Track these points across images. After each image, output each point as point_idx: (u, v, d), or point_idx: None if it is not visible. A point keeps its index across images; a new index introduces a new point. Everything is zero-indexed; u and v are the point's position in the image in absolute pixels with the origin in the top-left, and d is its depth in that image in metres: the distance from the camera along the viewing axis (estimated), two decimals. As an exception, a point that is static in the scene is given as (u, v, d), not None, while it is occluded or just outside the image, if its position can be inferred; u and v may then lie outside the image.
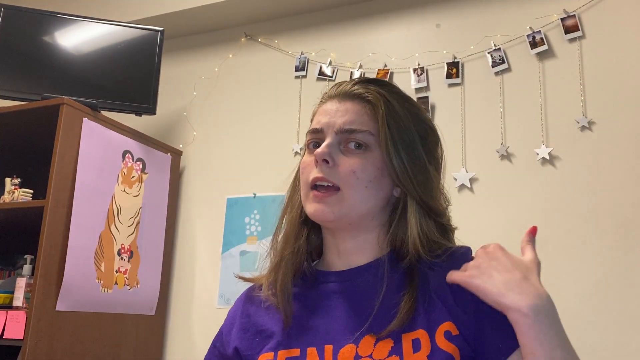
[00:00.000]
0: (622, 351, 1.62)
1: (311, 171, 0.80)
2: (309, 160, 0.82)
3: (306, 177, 0.81)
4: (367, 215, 0.81)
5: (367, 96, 0.82)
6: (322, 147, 0.79)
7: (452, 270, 0.76)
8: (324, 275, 0.84)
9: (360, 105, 0.82)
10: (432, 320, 0.73)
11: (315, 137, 0.83)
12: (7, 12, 2.03)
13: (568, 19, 1.89)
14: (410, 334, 0.73)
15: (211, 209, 2.31)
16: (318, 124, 0.83)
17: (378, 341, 0.73)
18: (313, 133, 0.83)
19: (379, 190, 0.80)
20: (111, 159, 1.99)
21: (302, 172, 0.83)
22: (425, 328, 0.73)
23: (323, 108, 0.84)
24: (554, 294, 0.77)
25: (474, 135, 1.95)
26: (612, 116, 1.78)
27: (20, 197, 1.90)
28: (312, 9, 2.34)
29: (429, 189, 0.81)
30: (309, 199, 0.80)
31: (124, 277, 2.01)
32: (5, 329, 1.72)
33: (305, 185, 0.81)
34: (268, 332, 0.82)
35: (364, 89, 0.83)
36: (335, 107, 0.82)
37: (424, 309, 0.75)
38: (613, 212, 1.72)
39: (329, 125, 0.81)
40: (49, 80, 2.05)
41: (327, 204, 0.78)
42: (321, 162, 0.78)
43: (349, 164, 0.78)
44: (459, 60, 2.03)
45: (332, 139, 0.80)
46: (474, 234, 2.01)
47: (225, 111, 2.41)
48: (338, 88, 0.85)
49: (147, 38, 2.20)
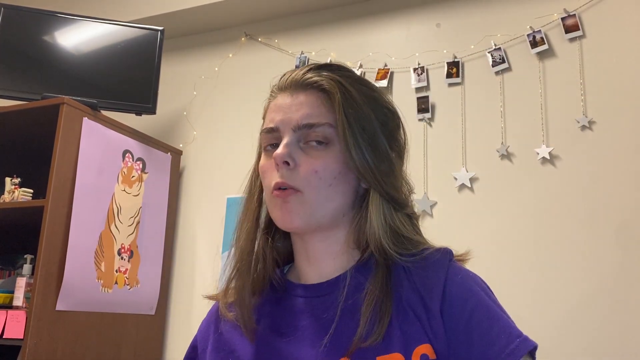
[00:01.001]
0: (622, 351, 1.61)
1: (272, 175, 0.74)
2: (268, 163, 0.75)
3: (268, 183, 0.75)
4: (335, 213, 0.75)
5: (322, 84, 0.75)
6: (281, 147, 0.72)
7: (426, 277, 0.71)
8: (293, 288, 0.79)
9: (315, 95, 0.75)
10: (409, 340, 0.67)
11: (271, 137, 0.76)
12: (7, 12, 2.03)
13: (568, 18, 1.88)
14: (385, 357, 0.66)
15: (211, 208, 2.31)
16: (272, 122, 0.76)
17: None
18: (268, 133, 0.76)
19: (345, 185, 0.74)
20: (111, 158, 1.99)
21: (262, 178, 0.77)
22: (402, 351, 0.67)
23: (275, 104, 0.77)
24: (553, 294, 0.77)
25: (474, 135, 1.95)
26: (613, 116, 1.78)
27: (20, 196, 1.90)
28: (312, 9, 2.34)
29: (392, 179, 0.76)
30: (275, 205, 0.74)
31: (124, 276, 2.01)
32: (5, 328, 1.72)
33: (268, 191, 0.75)
34: (238, 353, 0.76)
35: (317, 76, 0.76)
36: (288, 101, 0.75)
37: (397, 324, 0.69)
38: (613, 212, 1.71)
39: (285, 123, 0.74)
40: (49, 80, 2.05)
41: (291, 209, 0.72)
42: (281, 164, 0.72)
43: (310, 163, 0.72)
44: (459, 60, 2.03)
45: (290, 137, 0.73)
46: (474, 233, 2.02)
47: (225, 111, 2.40)
48: (288, 78, 0.78)
49: (147, 38, 2.20)
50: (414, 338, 0.67)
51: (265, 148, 0.77)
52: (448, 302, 0.69)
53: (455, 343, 0.67)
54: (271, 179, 0.74)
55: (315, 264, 0.78)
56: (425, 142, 2.01)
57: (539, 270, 1.75)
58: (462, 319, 0.68)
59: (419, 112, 2.03)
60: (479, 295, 0.70)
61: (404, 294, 0.71)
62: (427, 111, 2.02)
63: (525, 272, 1.76)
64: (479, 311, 0.68)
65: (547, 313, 1.70)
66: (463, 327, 0.67)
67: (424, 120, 2.03)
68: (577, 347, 1.65)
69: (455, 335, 0.67)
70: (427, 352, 0.67)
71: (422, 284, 0.71)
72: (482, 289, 0.72)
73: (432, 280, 0.71)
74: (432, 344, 0.67)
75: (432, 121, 2.03)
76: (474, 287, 0.71)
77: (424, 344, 0.67)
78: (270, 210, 0.76)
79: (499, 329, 0.67)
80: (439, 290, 0.70)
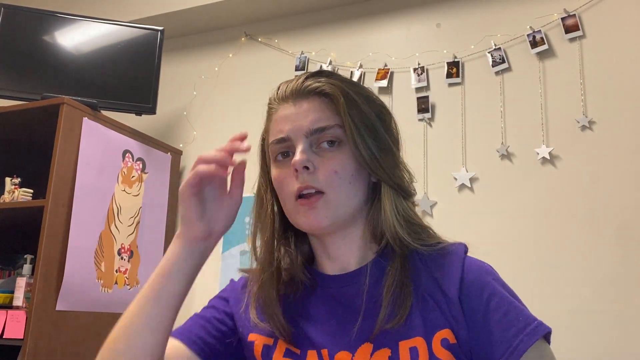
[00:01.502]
0: (622, 352, 1.61)
1: (290, 182, 0.76)
2: (283, 172, 0.78)
3: (288, 190, 0.77)
4: (355, 209, 0.78)
5: (324, 89, 0.78)
6: (298, 154, 0.75)
7: (443, 266, 0.75)
8: (321, 278, 0.82)
9: (317, 100, 0.78)
10: (429, 325, 0.71)
11: (283, 147, 0.78)
12: (7, 12, 2.03)
13: (568, 18, 1.88)
14: (408, 342, 0.71)
15: (211, 208, 2.30)
16: (281, 132, 0.78)
17: (375, 350, 0.72)
18: (278, 143, 0.78)
19: (360, 182, 0.78)
20: (111, 158, 1.99)
21: (279, 187, 0.78)
22: (423, 335, 0.71)
23: (279, 115, 0.79)
24: (554, 294, 0.77)
25: (474, 135, 1.95)
26: (613, 116, 1.78)
27: (20, 196, 1.90)
28: (312, 9, 2.34)
29: (397, 170, 0.80)
30: (298, 212, 0.76)
31: (124, 276, 2.01)
32: (5, 328, 1.72)
33: (290, 199, 0.77)
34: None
35: (316, 82, 0.79)
36: (293, 110, 0.78)
37: (418, 310, 0.73)
38: (613, 212, 1.71)
39: (295, 131, 0.77)
40: (49, 80, 2.05)
41: (317, 211, 0.74)
42: (301, 170, 0.74)
43: (329, 165, 0.75)
44: (459, 60, 2.03)
45: (304, 144, 0.76)
46: (474, 234, 2.02)
47: (225, 111, 2.40)
48: (287, 88, 0.80)
49: (147, 38, 2.20)
50: (434, 324, 0.71)
51: (276, 159, 0.80)
52: (466, 290, 0.73)
53: (474, 328, 0.71)
54: (291, 187, 0.76)
55: (336, 260, 0.81)
56: (425, 142, 2.01)
57: (539, 270, 1.75)
58: (481, 305, 0.71)
59: (419, 112, 2.03)
60: (494, 284, 0.74)
61: (422, 282, 0.75)
62: (427, 111, 2.02)
63: (525, 271, 1.76)
64: (496, 298, 0.72)
65: (546, 313, 1.69)
66: (482, 313, 0.71)
67: (424, 120, 2.03)
68: (577, 347, 1.65)
69: (474, 321, 0.71)
70: (447, 336, 0.71)
71: (440, 273, 0.75)
72: (496, 279, 0.75)
73: (450, 269, 0.75)
74: (452, 329, 0.71)
75: (432, 121, 2.03)
76: (489, 277, 0.75)
77: (445, 329, 0.71)
78: (293, 217, 0.78)
79: (516, 314, 0.71)
80: (457, 278, 0.74)
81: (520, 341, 0.68)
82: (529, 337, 0.68)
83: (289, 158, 0.77)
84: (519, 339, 0.68)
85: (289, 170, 0.76)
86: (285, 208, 0.79)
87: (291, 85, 0.80)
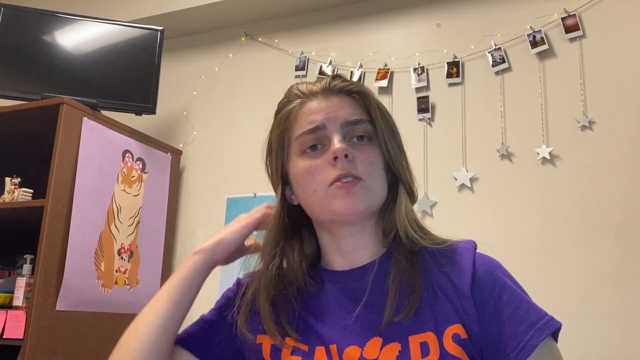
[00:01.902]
0: (622, 352, 1.61)
1: (325, 171, 0.77)
2: (316, 163, 0.78)
3: (322, 179, 0.77)
4: (381, 201, 0.81)
5: (352, 88, 0.81)
6: (337, 142, 0.76)
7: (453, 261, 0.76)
8: (328, 275, 0.83)
9: (346, 98, 0.81)
10: (440, 320, 0.72)
11: (314, 138, 0.79)
12: (7, 11, 2.03)
13: (568, 18, 1.88)
14: (418, 337, 0.71)
15: (211, 208, 2.31)
16: (314, 122, 0.79)
17: (385, 344, 0.72)
18: (310, 133, 0.79)
19: (386, 176, 0.81)
20: (111, 158, 1.99)
21: (311, 177, 0.78)
22: (434, 330, 0.71)
23: (309, 108, 0.80)
24: (554, 294, 0.78)
25: (474, 135, 1.95)
26: (613, 116, 1.78)
27: (20, 196, 1.90)
28: (312, 9, 2.34)
29: (410, 174, 0.83)
30: (335, 196, 0.76)
31: (124, 276, 2.01)
32: (5, 328, 1.72)
33: (323, 186, 0.77)
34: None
35: (343, 83, 0.82)
36: (325, 104, 0.80)
37: (428, 305, 0.73)
38: (613, 211, 1.71)
39: (331, 121, 0.78)
40: (49, 80, 2.05)
41: (356, 195, 0.75)
42: (342, 157, 0.75)
43: (365, 155, 0.78)
44: (459, 60, 2.03)
45: (340, 134, 0.78)
46: (474, 233, 2.02)
47: (225, 111, 2.41)
48: (313, 86, 0.83)
49: (147, 37, 2.20)
50: (445, 318, 0.72)
51: (305, 151, 0.80)
52: (477, 284, 0.74)
53: (485, 322, 0.71)
54: (325, 175, 0.77)
55: (347, 256, 0.82)
56: (425, 142, 2.01)
57: (539, 270, 1.75)
58: (492, 299, 0.72)
59: (419, 112, 2.03)
60: (505, 279, 0.75)
61: (432, 276, 0.76)
62: (427, 111, 2.02)
63: (525, 271, 1.75)
64: (507, 293, 0.73)
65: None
66: (493, 308, 0.72)
67: (424, 120, 2.03)
68: (577, 347, 1.65)
69: (485, 315, 0.72)
70: (458, 331, 0.71)
71: (451, 267, 0.76)
72: (507, 275, 0.77)
73: (461, 264, 0.76)
74: (463, 324, 0.71)
75: (432, 121, 2.03)
76: (500, 272, 0.76)
77: (456, 324, 0.71)
78: (326, 204, 0.77)
79: (527, 309, 0.72)
80: (469, 272, 0.74)
81: (531, 336, 0.69)
82: (540, 332, 0.69)
83: (319, 151, 0.78)
84: (529, 334, 0.69)
85: (321, 161, 0.77)
86: (312, 200, 0.79)
87: (317, 84, 0.83)
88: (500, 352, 0.69)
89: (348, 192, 0.75)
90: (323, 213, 0.78)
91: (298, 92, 0.83)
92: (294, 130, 0.81)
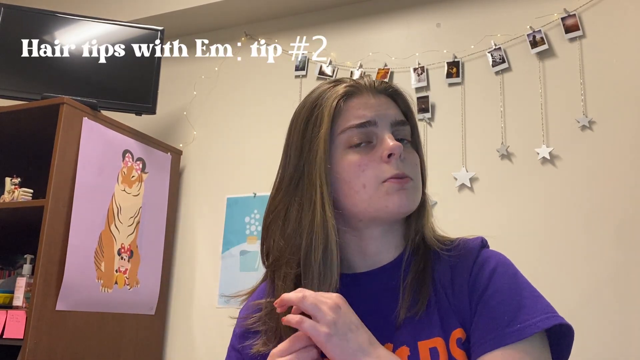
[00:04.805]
0: (622, 351, 1.61)
1: (377, 168, 0.75)
2: (366, 158, 0.76)
3: (374, 175, 0.75)
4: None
5: (397, 90, 0.82)
6: (392, 140, 0.76)
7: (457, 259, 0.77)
8: (346, 277, 0.79)
9: (389, 99, 0.81)
10: (446, 325, 0.72)
11: (363, 132, 0.77)
12: (7, 11, 2.03)
13: (568, 18, 1.88)
14: (427, 342, 0.71)
15: (211, 208, 2.31)
16: (364, 117, 0.77)
17: (396, 349, 0.72)
18: (361, 127, 0.76)
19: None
20: (111, 158, 1.99)
21: (359, 173, 0.76)
22: (442, 335, 0.71)
23: (357, 102, 0.78)
24: (554, 294, 0.78)
25: (474, 135, 1.95)
26: (613, 116, 1.78)
27: (20, 196, 1.90)
28: (312, 9, 2.34)
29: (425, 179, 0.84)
30: (388, 192, 0.75)
31: (124, 276, 2.01)
32: (5, 328, 1.72)
33: (374, 183, 0.75)
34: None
35: (388, 84, 0.83)
36: (374, 101, 0.79)
37: (436, 309, 0.74)
38: (613, 212, 1.71)
39: (382, 117, 0.77)
40: (49, 80, 2.04)
41: (408, 192, 0.76)
42: (398, 155, 0.76)
43: (412, 157, 0.79)
44: (459, 60, 2.03)
45: (391, 132, 0.77)
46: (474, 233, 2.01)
47: (225, 111, 2.40)
48: (361, 82, 0.81)
49: (147, 38, 2.20)
50: (450, 323, 0.72)
51: (354, 145, 0.77)
52: (475, 272, 0.75)
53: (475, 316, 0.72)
54: (377, 172, 0.75)
55: (370, 258, 0.81)
56: (425, 142, 2.01)
57: (539, 270, 1.75)
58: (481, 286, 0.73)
59: (419, 112, 2.03)
60: (505, 275, 0.75)
61: (439, 275, 0.77)
62: (427, 111, 2.02)
63: (525, 271, 1.75)
64: (498, 283, 0.73)
65: (547, 313, 1.70)
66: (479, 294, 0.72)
67: (424, 120, 2.03)
68: (577, 347, 1.65)
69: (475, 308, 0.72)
70: (461, 335, 0.71)
71: (454, 270, 0.77)
72: (512, 272, 0.77)
73: (464, 265, 0.76)
74: (463, 326, 0.72)
75: (432, 121, 2.03)
76: (500, 265, 0.76)
77: (458, 329, 0.72)
78: (379, 199, 0.75)
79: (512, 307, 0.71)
80: (468, 273, 0.75)
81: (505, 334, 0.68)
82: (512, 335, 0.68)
83: (368, 146, 0.77)
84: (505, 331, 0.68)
85: (371, 157, 0.76)
86: (359, 195, 0.76)
87: (367, 80, 0.82)
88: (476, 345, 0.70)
89: (402, 188, 0.75)
90: (369, 209, 0.76)
91: (348, 83, 0.80)
92: (343, 123, 0.77)
